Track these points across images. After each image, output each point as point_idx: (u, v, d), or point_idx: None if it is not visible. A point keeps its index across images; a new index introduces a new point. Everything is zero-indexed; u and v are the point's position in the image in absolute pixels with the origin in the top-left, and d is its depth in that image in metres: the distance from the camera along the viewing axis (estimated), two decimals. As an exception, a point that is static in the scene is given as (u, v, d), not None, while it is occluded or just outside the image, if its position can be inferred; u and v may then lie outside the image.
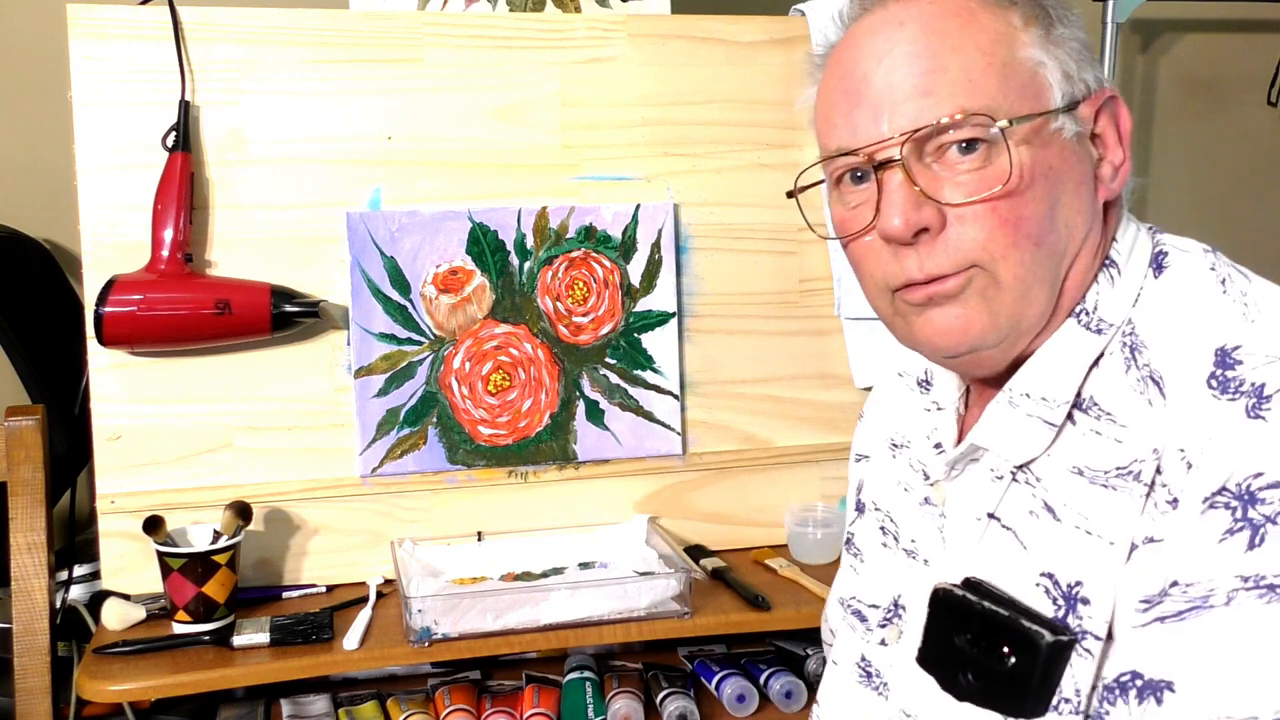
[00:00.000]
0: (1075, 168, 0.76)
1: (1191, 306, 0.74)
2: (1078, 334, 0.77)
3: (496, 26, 1.46)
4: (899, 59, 0.75)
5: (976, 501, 0.81)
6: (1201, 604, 0.65)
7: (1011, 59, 0.74)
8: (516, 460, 1.46)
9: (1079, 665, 0.71)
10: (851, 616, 0.94)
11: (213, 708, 1.39)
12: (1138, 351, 0.74)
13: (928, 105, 0.73)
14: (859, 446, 1.04)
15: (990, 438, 0.79)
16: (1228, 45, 2.28)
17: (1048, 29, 0.76)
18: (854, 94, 0.76)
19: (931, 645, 0.79)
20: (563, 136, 1.48)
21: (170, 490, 1.37)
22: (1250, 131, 2.31)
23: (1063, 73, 0.76)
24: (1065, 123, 0.75)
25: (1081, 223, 0.76)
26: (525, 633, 1.28)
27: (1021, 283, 0.74)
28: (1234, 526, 0.65)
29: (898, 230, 0.74)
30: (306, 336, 1.41)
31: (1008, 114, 0.73)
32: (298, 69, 1.39)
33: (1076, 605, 0.72)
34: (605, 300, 1.48)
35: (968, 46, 0.74)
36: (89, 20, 1.34)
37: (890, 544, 0.91)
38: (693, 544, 1.51)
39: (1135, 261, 0.78)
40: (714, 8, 1.53)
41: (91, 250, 1.35)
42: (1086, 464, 0.74)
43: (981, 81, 0.73)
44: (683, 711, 1.38)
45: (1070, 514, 0.74)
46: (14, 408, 1.34)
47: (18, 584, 1.31)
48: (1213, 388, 0.69)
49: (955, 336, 0.77)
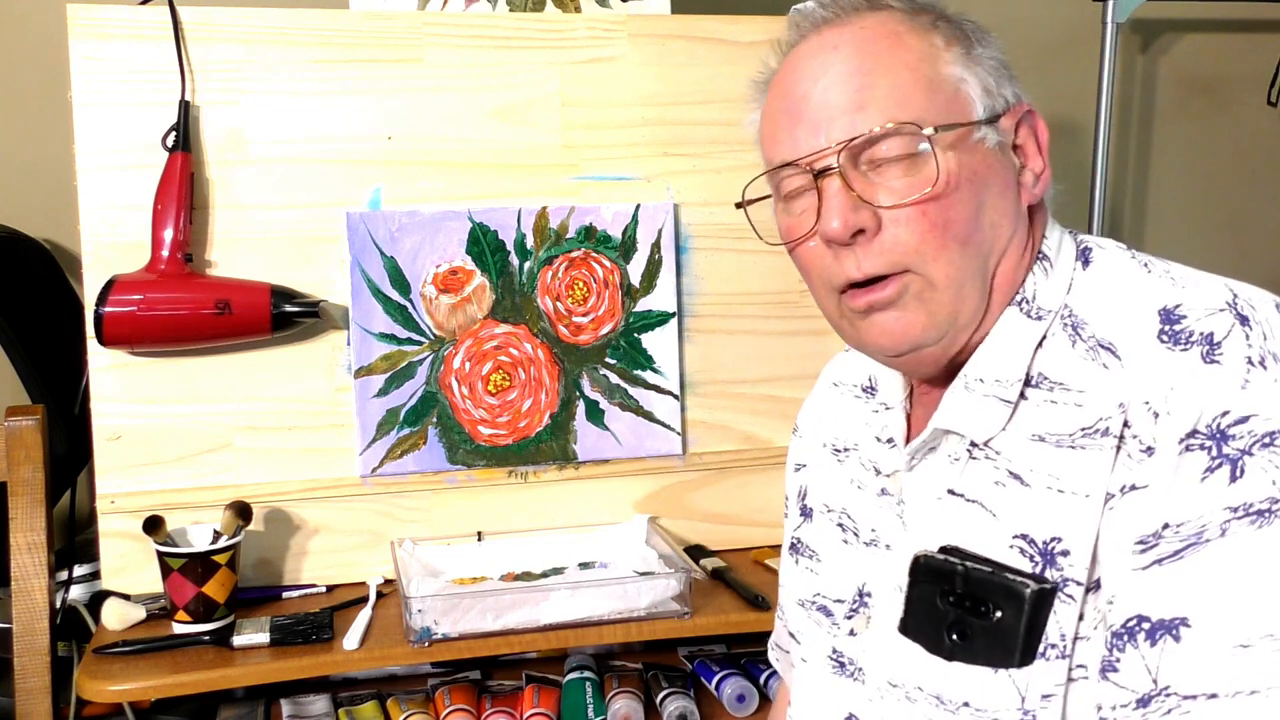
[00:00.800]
0: (999, 174, 0.82)
1: (1123, 284, 0.80)
2: (1019, 320, 0.83)
3: (496, 26, 1.46)
4: (834, 78, 0.81)
5: (934, 482, 0.85)
6: (1197, 540, 0.69)
7: (936, 75, 0.81)
8: (516, 460, 1.46)
9: (1062, 611, 0.75)
10: (817, 613, 0.97)
11: (213, 708, 1.39)
12: (1079, 329, 0.80)
13: (860, 118, 0.80)
14: (796, 457, 1.08)
15: (952, 420, 0.83)
16: (1228, 45, 2.28)
17: (967, 49, 0.83)
18: (794, 112, 0.83)
19: (914, 612, 0.83)
20: (563, 136, 1.48)
21: (170, 490, 1.37)
22: (1250, 131, 2.31)
23: (983, 88, 0.82)
24: (987, 133, 0.82)
25: (1007, 224, 0.82)
26: (525, 633, 1.28)
27: (953, 281, 0.80)
28: (1212, 464, 0.69)
29: (836, 231, 0.80)
30: (306, 336, 1.41)
31: (934, 124, 0.79)
32: (298, 69, 1.39)
33: (1055, 559, 0.76)
34: (605, 300, 1.48)
35: (896, 65, 0.80)
36: (89, 20, 1.34)
37: (851, 539, 0.95)
38: (693, 544, 1.52)
39: (1064, 256, 0.84)
40: (714, 8, 1.53)
41: (91, 250, 1.35)
42: (1048, 430, 0.79)
43: (909, 95, 0.80)
44: (683, 711, 1.38)
45: (1039, 477, 0.78)
46: (14, 408, 1.34)
47: (18, 584, 1.31)
48: (1164, 342, 0.74)
49: (897, 338, 0.83)
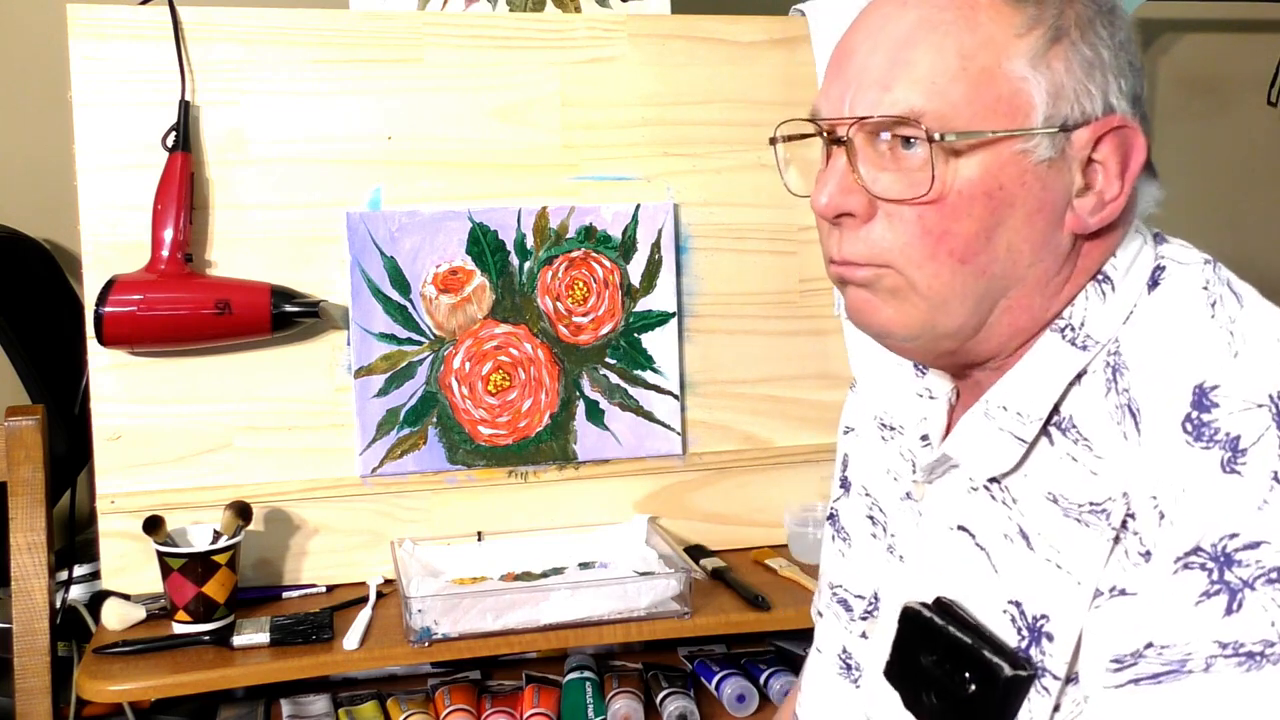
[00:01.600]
0: (1035, 194, 0.72)
1: (1175, 332, 0.71)
2: (1060, 348, 0.74)
3: (496, 26, 1.46)
4: (882, 41, 0.73)
5: (950, 510, 0.80)
6: (1179, 668, 0.63)
7: (994, 68, 0.71)
8: (516, 460, 1.46)
9: (1036, 701, 0.70)
10: (837, 605, 0.94)
11: (213, 708, 1.39)
12: (1119, 373, 0.72)
13: (884, 97, 0.72)
14: (847, 418, 1.01)
15: (960, 449, 0.78)
16: (1228, 45, 2.28)
17: (1055, 41, 0.71)
18: (839, 64, 0.77)
19: (898, 661, 0.80)
20: (563, 136, 1.48)
21: (170, 490, 1.37)
22: (1250, 131, 2.31)
23: (1052, 91, 0.71)
24: (1040, 144, 0.71)
25: (1028, 251, 0.73)
26: (525, 633, 1.28)
27: (937, 294, 0.73)
28: (1210, 589, 0.63)
29: (822, 209, 0.75)
30: (306, 336, 1.41)
31: (963, 125, 0.70)
32: (298, 69, 1.39)
33: (1040, 639, 0.71)
34: (605, 300, 1.48)
35: (949, 46, 0.71)
36: (89, 20, 1.34)
37: (879, 534, 0.91)
38: (693, 544, 1.51)
39: (1133, 276, 0.75)
40: (714, 8, 1.53)
41: (91, 250, 1.35)
42: (1061, 492, 0.72)
43: (946, 86, 0.71)
44: (683, 711, 1.38)
45: (1043, 544, 0.72)
46: (14, 408, 1.34)
47: (18, 584, 1.31)
48: (1188, 432, 0.66)
49: (864, 318, 0.77)
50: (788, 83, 1.53)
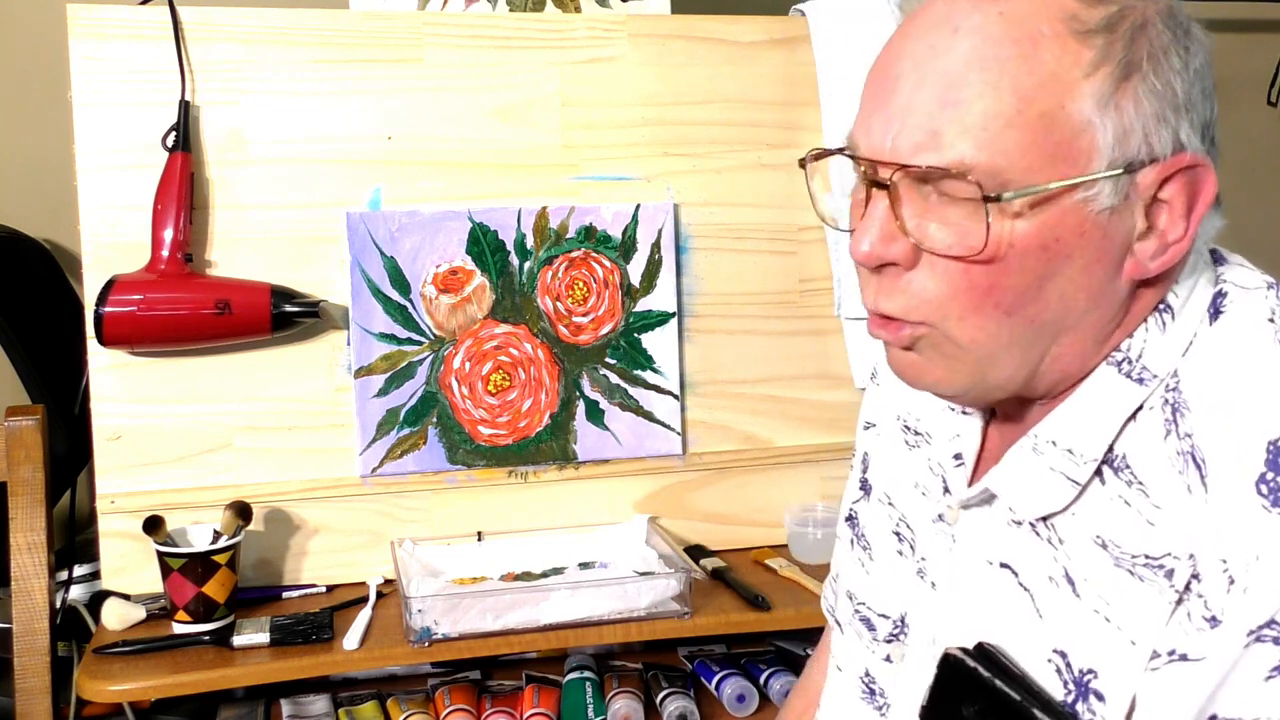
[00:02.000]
0: (1095, 244, 0.66)
1: (1243, 372, 0.66)
2: (1116, 382, 0.69)
3: (496, 26, 1.46)
4: (930, 75, 0.66)
5: (989, 544, 0.76)
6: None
7: (1055, 112, 0.64)
8: (516, 460, 1.46)
9: None
10: (859, 623, 0.90)
11: (213, 708, 1.39)
12: (1180, 413, 0.67)
13: (931, 142, 0.65)
14: (869, 413, 0.96)
15: (1007, 486, 0.74)
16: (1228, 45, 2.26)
17: (1124, 78, 0.64)
18: (883, 93, 0.69)
19: (937, 707, 0.76)
20: (563, 136, 1.48)
21: (170, 490, 1.37)
22: (1250, 131, 2.30)
23: (1119, 135, 0.64)
24: (1102, 190, 0.65)
25: (1083, 299, 0.68)
26: (525, 633, 1.28)
27: (982, 347, 0.68)
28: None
29: (863, 257, 0.69)
30: (306, 336, 1.41)
31: (1019, 177, 0.64)
32: (298, 69, 1.39)
33: (1088, 695, 0.67)
34: (605, 300, 1.48)
35: (1005, 86, 0.64)
36: (89, 20, 1.34)
37: (906, 553, 0.86)
38: (693, 544, 1.51)
39: (1193, 305, 0.70)
40: (714, 8, 1.53)
41: (91, 250, 1.35)
42: (1112, 539, 0.68)
43: (1001, 133, 0.64)
44: (683, 711, 1.38)
45: (1091, 593, 0.68)
46: (14, 408, 1.34)
47: (18, 584, 1.31)
48: (1263, 494, 0.61)
49: (911, 377, 0.73)
50: (788, 83, 1.53)
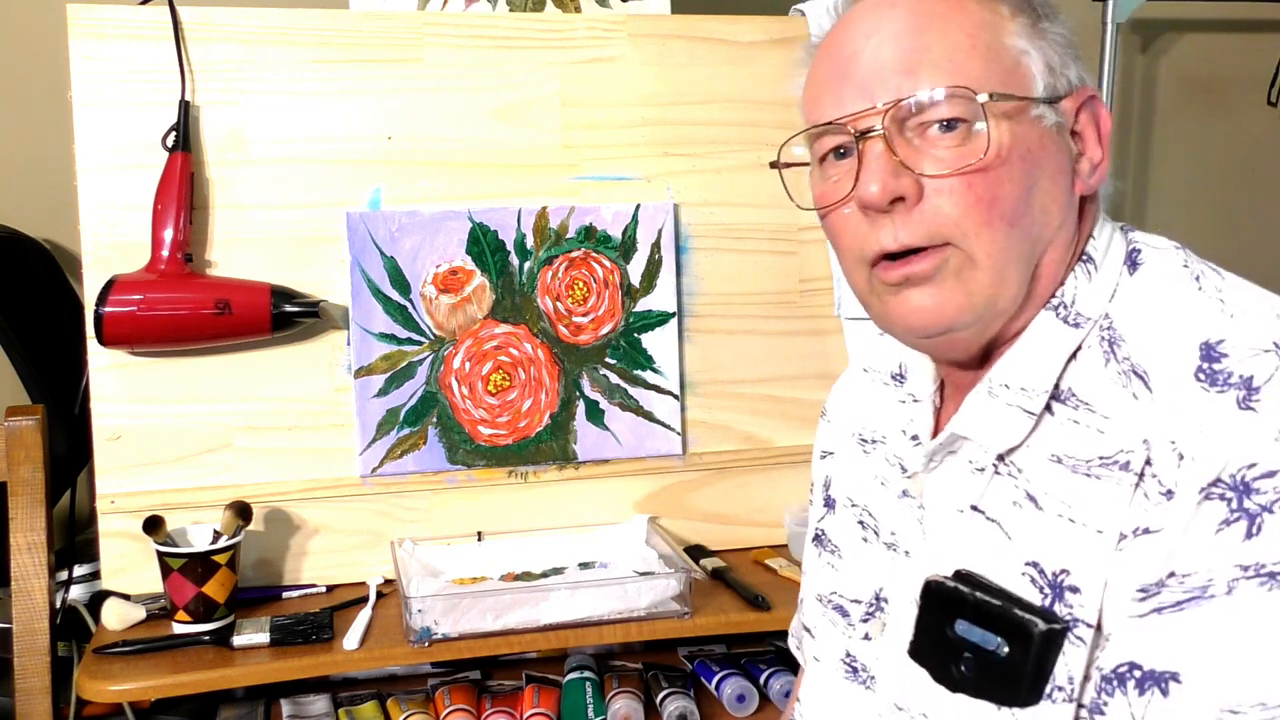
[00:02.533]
0: (1054, 156, 0.77)
1: (1169, 302, 0.75)
2: (1055, 326, 0.78)
3: (496, 26, 1.46)
4: (886, 37, 0.77)
5: (957, 493, 0.81)
6: (1201, 594, 0.66)
7: (996, 44, 0.76)
8: (516, 460, 1.46)
9: (1071, 653, 0.71)
10: (833, 612, 0.93)
11: (213, 708, 1.39)
12: (1116, 345, 0.75)
13: (910, 81, 0.75)
14: (823, 444, 1.03)
15: (970, 426, 0.80)
16: (1228, 45, 2.28)
17: (1034, 21, 0.78)
18: (843, 71, 0.79)
19: (923, 638, 0.79)
20: (563, 136, 1.48)
21: (170, 490, 1.37)
22: (1250, 131, 2.31)
23: (1046, 64, 0.77)
24: (1045, 112, 0.76)
25: (1057, 211, 0.77)
26: (525, 633, 1.28)
27: (996, 261, 0.75)
28: (1230, 517, 0.65)
29: (875, 197, 0.75)
30: (306, 336, 1.41)
31: (989, 91, 0.74)
32: (298, 69, 1.39)
33: (1064, 593, 0.72)
34: (605, 300, 1.48)
35: (953, 29, 0.76)
36: (89, 20, 1.34)
37: (871, 538, 0.91)
38: (693, 544, 1.51)
39: (1111, 258, 0.79)
40: (714, 8, 1.53)
41: (91, 250, 1.35)
42: (1066, 452, 0.75)
43: (964, 63, 0.75)
44: (683, 711, 1.38)
45: (1052, 502, 0.74)
46: (14, 408, 1.34)
47: (18, 584, 1.31)
48: (1201, 380, 0.69)
49: (929, 316, 0.77)
50: (788, 82, 1.53)
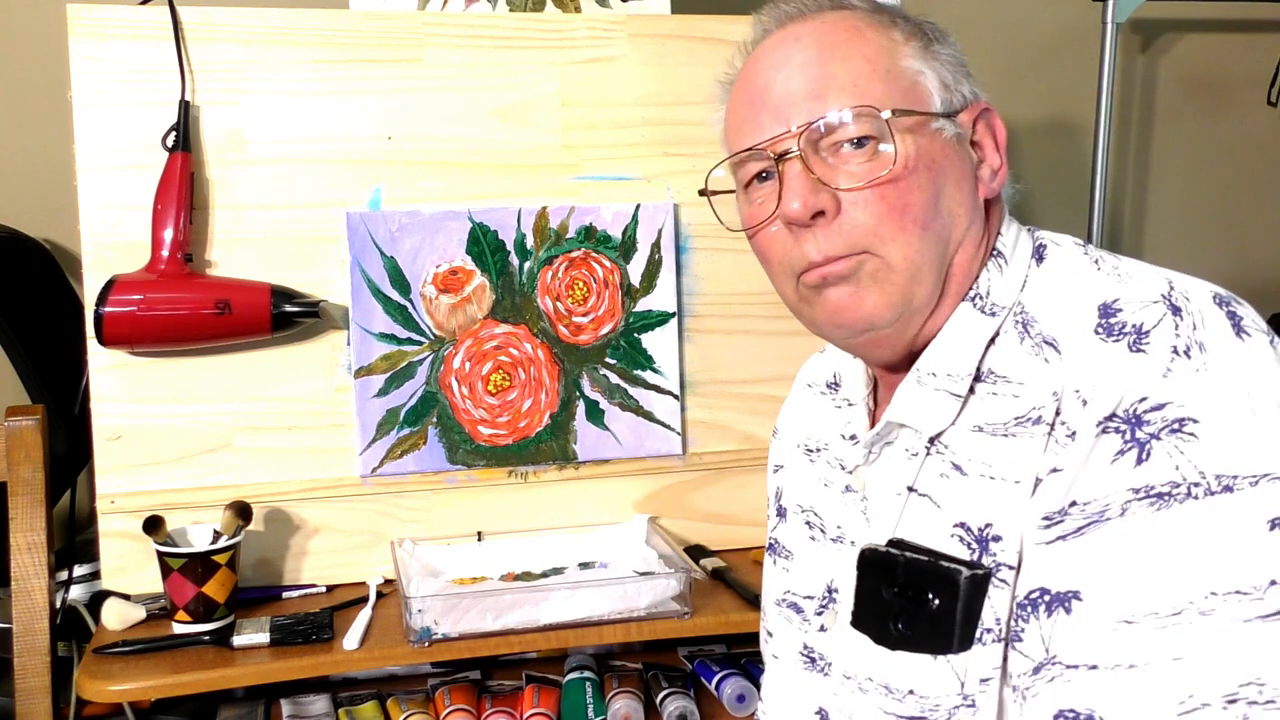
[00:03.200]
0: (956, 164, 0.84)
1: (1071, 282, 0.81)
2: (973, 316, 0.84)
3: (496, 26, 1.46)
4: (795, 68, 0.83)
5: (894, 478, 0.87)
6: (1099, 518, 0.71)
7: (894, 67, 0.83)
8: (516, 460, 1.46)
9: (996, 596, 0.76)
10: (788, 610, 0.99)
11: (213, 708, 1.39)
12: (1029, 326, 0.81)
13: (820, 105, 0.82)
14: (775, 458, 1.10)
15: (903, 413, 0.85)
16: (1228, 45, 2.28)
17: (925, 44, 0.85)
18: (757, 101, 0.85)
19: (862, 605, 0.84)
20: (563, 136, 1.48)
21: (170, 490, 1.37)
22: (1250, 131, 2.31)
23: (940, 82, 0.84)
24: (944, 125, 0.83)
25: (963, 214, 0.84)
26: (525, 633, 1.28)
27: (911, 264, 0.81)
28: (1124, 447, 0.71)
29: (797, 213, 0.81)
30: (306, 336, 1.41)
31: (890, 108, 0.81)
32: (298, 69, 1.39)
33: (989, 544, 0.78)
34: (605, 300, 1.48)
35: (854, 56, 0.82)
36: (89, 20, 1.34)
37: (818, 536, 0.97)
38: (693, 544, 1.51)
39: (1019, 253, 0.86)
40: (714, 8, 1.52)
41: (91, 250, 1.35)
42: (987, 421, 0.80)
43: (867, 85, 0.81)
44: (683, 711, 1.38)
45: (975, 467, 0.80)
46: (14, 408, 1.34)
47: (18, 584, 1.32)
48: (1099, 334, 0.75)
49: (850, 314, 0.83)
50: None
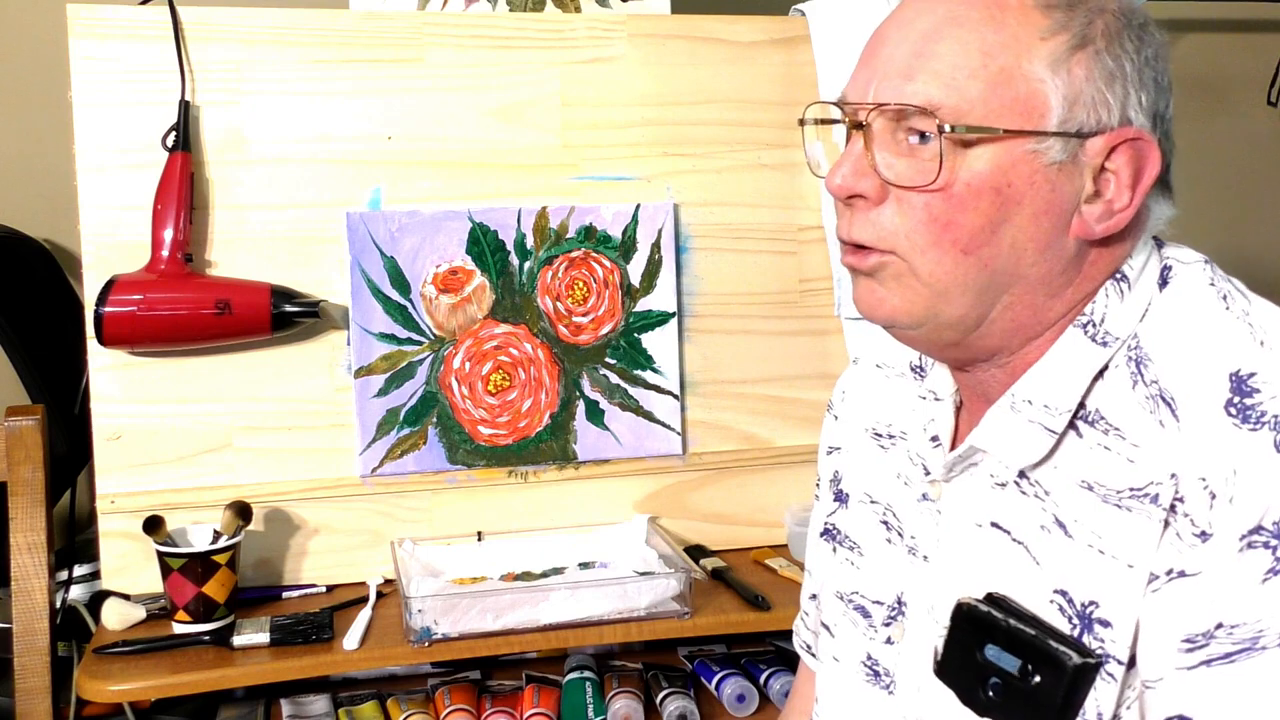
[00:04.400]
0: (1043, 195, 0.73)
1: (1197, 325, 0.74)
2: (1082, 344, 0.76)
3: (496, 26, 1.46)
4: (910, 33, 0.75)
5: (976, 506, 0.81)
6: (1251, 646, 0.65)
7: (1012, 68, 0.72)
8: (516, 460, 1.46)
9: (1102, 689, 0.71)
10: (854, 612, 0.92)
11: (213, 708, 1.39)
12: (1144, 366, 0.74)
13: (905, 86, 0.74)
14: (830, 439, 1.03)
15: (989, 440, 0.79)
16: (1228, 45, 2.28)
17: (1078, 48, 0.73)
18: (871, 51, 0.78)
19: (952, 658, 0.79)
20: (563, 136, 1.48)
21: (170, 490, 1.37)
22: (1250, 131, 2.31)
23: (1070, 96, 0.72)
24: (1052, 146, 0.73)
25: (1034, 250, 0.75)
26: (525, 633, 1.28)
27: (939, 282, 0.75)
28: (1276, 566, 0.64)
29: (834, 188, 0.77)
30: (306, 336, 1.41)
31: (978, 120, 0.72)
32: (298, 69, 1.39)
33: (1093, 626, 0.72)
34: (605, 300, 1.48)
35: (973, 43, 0.73)
36: (89, 20, 1.34)
37: (895, 539, 0.90)
38: (693, 544, 1.51)
39: (1145, 277, 0.77)
40: (714, 8, 1.53)
41: (91, 250, 1.35)
42: (1096, 480, 0.73)
43: (965, 81, 0.72)
44: (683, 711, 1.38)
45: (1082, 531, 0.73)
46: (14, 408, 1.34)
47: (18, 584, 1.31)
48: (1232, 415, 0.68)
49: (869, 308, 0.79)
50: (788, 83, 1.53)
